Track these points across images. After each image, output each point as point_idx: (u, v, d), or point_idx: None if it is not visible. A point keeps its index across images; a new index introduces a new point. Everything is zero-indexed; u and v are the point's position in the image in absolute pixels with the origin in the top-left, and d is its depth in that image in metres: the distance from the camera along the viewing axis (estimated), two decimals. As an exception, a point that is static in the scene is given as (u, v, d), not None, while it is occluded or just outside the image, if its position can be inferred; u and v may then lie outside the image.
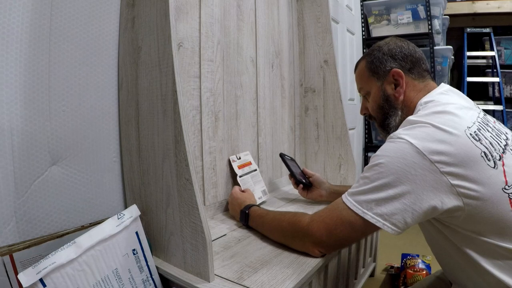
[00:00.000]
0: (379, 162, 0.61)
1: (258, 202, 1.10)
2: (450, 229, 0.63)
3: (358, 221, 0.62)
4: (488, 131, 0.63)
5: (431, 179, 0.57)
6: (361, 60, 0.85)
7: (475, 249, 0.61)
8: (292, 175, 1.13)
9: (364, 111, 0.87)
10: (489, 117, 0.70)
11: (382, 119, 0.81)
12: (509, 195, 0.58)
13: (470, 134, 0.60)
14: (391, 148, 0.61)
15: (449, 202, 0.57)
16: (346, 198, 0.65)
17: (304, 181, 1.13)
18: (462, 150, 0.57)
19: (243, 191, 1.02)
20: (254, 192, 1.08)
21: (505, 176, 0.58)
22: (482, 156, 0.58)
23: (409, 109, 0.75)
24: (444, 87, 0.73)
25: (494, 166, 0.59)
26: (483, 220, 0.58)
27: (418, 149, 0.58)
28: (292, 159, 1.19)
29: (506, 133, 0.68)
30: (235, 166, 1.09)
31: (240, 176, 1.08)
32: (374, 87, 0.81)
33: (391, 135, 0.64)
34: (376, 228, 0.61)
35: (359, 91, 0.88)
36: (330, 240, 0.68)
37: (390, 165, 0.59)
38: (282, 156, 1.16)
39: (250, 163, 1.16)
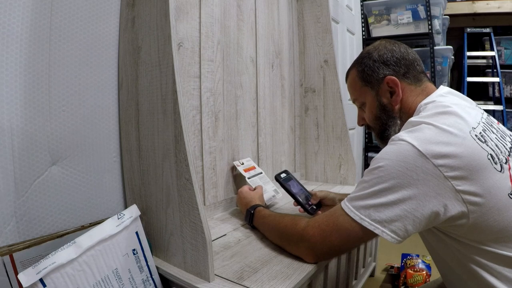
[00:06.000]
0: (378, 166, 0.58)
1: (272, 200, 1.10)
2: (453, 240, 0.60)
3: (355, 228, 0.59)
4: (493, 132, 0.61)
5: (434, 184, 0.54)
6: (351, 69, 0.80)
7: (478, 261, 0.58)
8: (297, 202, 0.98)
9: (362, 121, 0.83)
10: (492, 118, 0.68)
11: (380, 130, 0.76)
12: None
13: (476, 136, 0.57)
14: (392, 151, 0.58)
15: (453, 208, 0.54)
16: (344, 203, 0.62)
17: (312, 205, 0.98)
18: (468, 152, 0.54)
19: (254, 189, 1.01)
20: (266, 192, 1.08)
21: (511, 181, 0.56)
22: (489, 159, 0.55)
23: (408, 115, 0.70)
24: (444, 89, 0.70)
25: (501, 169, 0.56)
26: (488, 229, 0.55)
27: (420, 152, 0.54)
28: (289, 176, 1.05)
29: (511, 135, 0.66)
30: (241, 170, 1.09)
31: (248, 178, 1.08)
32: (369, 97, 0.76)
33: (393, 137, 0.61)
34: (374, 236, 0.58)
35: (354, 102, 0.83)
36: (324, 247, 0.64)
37: (390, 168, 0.56)
38: (277, 179, 1.02)
39: (254, 167, 1.16)
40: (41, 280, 0.53)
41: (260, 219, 0.85)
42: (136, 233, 0.69)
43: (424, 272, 1.37)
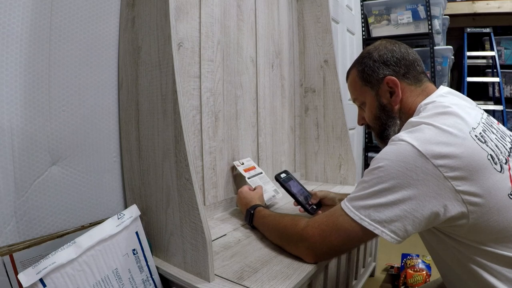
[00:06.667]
0: (378, 166, 0.58)
1: (272, 200, 1.10)
2: (453, 240, 0.60)
3: (355, 228, 0.59)
4: (493, 132, 0.61)
5: (434, 185, 0.54)
6: (351, 68, 0.81)
7: (478, 261, 0.58)
8: (297, 202, 0.98)
9: (362, 121, 0.83)
10: (492, 118, 0.68)
11: (380, 130, 0.77)
12: None
13: (476, 136, 0.57)
14: (392, 151, 0.58)
15: (453, 209, 0.54)
16: (344, 203, 0.62)
17: (312, 205, 0.99)
18: (468, 153, 0.54)
19: (253, 189, 1.01)
20: (266, 192, 1.08)
21: (511, 181, 0.56)
22: (489, 159, 0.55)
23: (408, 116, 0.70)
24: (444, 89, 0.70)
25: (501, 170, 0.56)
26: (488, 229, 0.55)
27: (420, 152, 0.54)
28: (289, 176, 1.05)
29: (510, 135, 0.66)
30: (241, 170, 1.09)
31: (248, 178, 1.08)
32: (369, 97, 0.77)
33: (393, 137, 0.61)
34: (373, 236, 0.58)
35: (354, 101, 0.83)
36: (323, 247, 0.64)
37: (390, 169, 0.56)
38: (277, 179, 1.02)
39: (254, 167, 1.16)
40: (41, 280, 0.53)
41: (260, 219, 0.85)
42: (136, 233, 0.69)
43: (424, 272, 1.37)
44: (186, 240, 0.67)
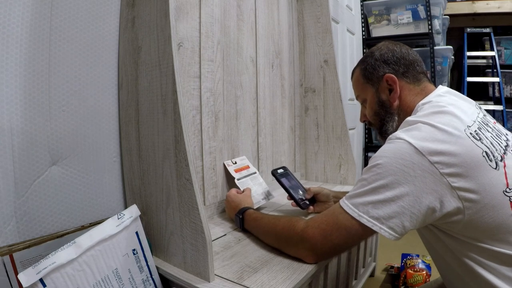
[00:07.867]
0: (377, 163, 0.59)
1: (260, 204, 1.09)
2: (449, 237, 0.61)
3: (355, 225, 0.60)
4: (488, 131, 0.62)
5: (430, 181, 0.55)
6: (356, 67, 0.85)
7: (475, 258, 0.59)
8: (290, 196, 1.01)
9: (364, 118, 0.86)
10: (489, 118, 0.69)
11: (379, 125, 0.80)
12: (510, 198, 0.56)
13: (471, 133, 0.58)
14: (389, 149, 0.60)
15: (449, 205, 0.56)
16: (343, 201, 0.63)
17: (304, 200, 1.01)
18: (463, 150, 0.56)
19: (242, 192, 1.00)
20: (255, 195, 1.07)
21: (506, 178, 0.57)
22: (484, 156, 0.56)
23: (407, 114, 0.72)
24: (442, 89, 0.72)
25: (496, 167, 0.57)
26: (483, 225, 0.56)
27: (417, 149, 0.56)
28: (286, 172, 1.08)
29: (506, 134, 0.67)
30: (231, 170, 1.07)
31: (238, 179, 1.06)
32: (370, 94, 0.80)
33: (390, 136, 0.62)
34: (372, 232, 0.59)
35: (357, 99, 0.87)
36: (325, 247, 0.65)
37: (388, 166, 0.58)
38: (274, 174, 1.05)
39: (247, 167, 1.14)
40: (41, 280, 0.53)
41: (252, 222, 0.84)
42: (136, 233, 0.69)
43: (424, 272, 1.37)
44: (186, 240, 0.67)
